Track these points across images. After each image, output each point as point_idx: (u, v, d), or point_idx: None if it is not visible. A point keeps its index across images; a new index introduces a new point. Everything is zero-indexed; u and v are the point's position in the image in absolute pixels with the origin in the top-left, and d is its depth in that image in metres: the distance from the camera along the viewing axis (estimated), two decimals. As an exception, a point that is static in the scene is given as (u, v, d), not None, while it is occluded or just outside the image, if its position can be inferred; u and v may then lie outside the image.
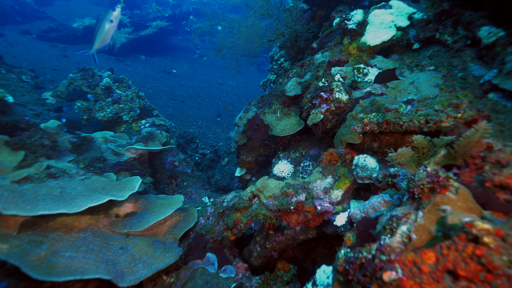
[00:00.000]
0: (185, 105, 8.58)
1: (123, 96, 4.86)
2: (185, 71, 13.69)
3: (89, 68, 5.30)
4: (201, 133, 6.77)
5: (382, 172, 1.93)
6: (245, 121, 3.70)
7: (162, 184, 4.16)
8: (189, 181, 4.31)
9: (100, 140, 3.96)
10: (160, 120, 4.86)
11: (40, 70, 9.55)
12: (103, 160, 3.62)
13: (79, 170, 3.14)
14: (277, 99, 3.52)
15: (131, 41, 13.68)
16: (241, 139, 3.86)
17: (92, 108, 4.81)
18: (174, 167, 4.36)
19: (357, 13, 2.86)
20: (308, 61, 3.42)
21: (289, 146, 3.65)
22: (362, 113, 2.21)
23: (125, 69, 11.77)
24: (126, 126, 4.72)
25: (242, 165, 4.33)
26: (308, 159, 3.22)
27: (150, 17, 15.69)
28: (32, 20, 15.18)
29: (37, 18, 15.34)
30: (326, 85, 2.61)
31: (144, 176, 3.64)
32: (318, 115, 2.64)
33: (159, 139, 4.39)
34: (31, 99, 4.77)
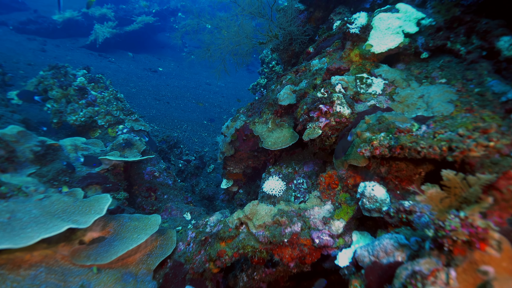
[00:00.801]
0: (170, 106, 8.14)
1: (98, 98, 4.42)
2: (172, 70, 13.19)
3: (62, 66, 4.81)
4: (186, 137, 6.37)
5: (394, 206, 1.63)
6: (232, 131, 3.35)
7: (139, 197, 3.76)
8: (170, 194, 3.92)
9: (69, 149, 3.52)
10: (140, 125, 4.45)
11: (13, 65, 8.90)
12: (70, 172, 3.19)
13: (39, 186, 2.72)
14: (268, 108, 3.19)
15: (115, 36, 13.07)
16: (228, 150, 3.51)
17: (63, 110, 4.35)
18: (154, 178, 3.96)
19: (361, 16, 2.56)
20: (304, 67, 3.11)
21: (280, 159, 3.32)
22: (369, 131, 1.91)
23: (107, 66, 11.19)
24: (102, 131, 4.28)
25: (228, 176, 3.98)
26: (302, 175, 2.90)
27: (136, 12, 15.10)
28: (10, 11, 14.34)
29: (15, 9, 14.52)
30: (326, 96, 2.30)
31: (118, 190, 3.24)
32: (315, 130, 2.33)
33: (137, 147, 3.99)
34: (-7, 99, 4.26)
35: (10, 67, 8.56)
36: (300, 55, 3.51)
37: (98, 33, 12.70)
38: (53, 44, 12.43)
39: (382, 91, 2.35)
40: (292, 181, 2.91)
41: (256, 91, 5.24)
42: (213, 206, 5.35)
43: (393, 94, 2.32)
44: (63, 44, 12.86)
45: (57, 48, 12.15)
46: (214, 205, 5.37)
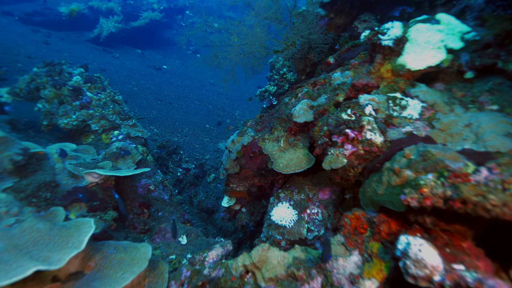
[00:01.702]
0: (172, 107, 7.79)
1: (94, 100, 4.06)
2: (176, 68, 12.86)
3: (58, 63, 4.46)
4: (186, 143, 6.01)
5: (452, 278, 1.25)
6: (239, 147, 2.98)
7: (131, 213, 3.40)
8: (165, 211, 3.56)
9: (55, 158, 3.16)
10: (137, 131, 4.08)
11: (12, 57, 8.59)
12: (54, 186, 2.83)
13: (12, 205, 2.36)
14: (280, 124, 2.82)
15: (121, 31, 12.77)
16: (233, 167, 3.14)
17: (55, 112, 3.99)
18: (149, 191, 3.60)
19: (395, 27, 2.18)
20: (323, 79, 2.74)
21: (291, 180, 2.95)
22: (411, 169, 1.53)
23: (111, 62, 10.88)
24: (95, 137, 3.92)
25: (231, 194, 3.61)
26: (317, 204, 2.53)
27: (144, 8, 14.80)
28: (17, 1, 14.11)
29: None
30: (354, 119, 1.92)
31: (106, 209, 2.88)
32: (339, 158, 1.95)
33: (132, 156, 3.63)
34: (-21, 96, 3.91)
35: (8, 60, 8.25)
36: (318, 65, 3.13)
37: (103, 27, 12.41)
38: (57, 37, 12.15)
39: (419, 116, 1.97)
40: (305, 210, 2.53)
41: (264, 98, 4.86)
42: (211, 220, 4.99)
43: (432, 119, 1.94)
44: (67, 37, 12.57)
45: (61, 41, 11.84)
46: (213, 219, 5.01)
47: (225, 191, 3.68)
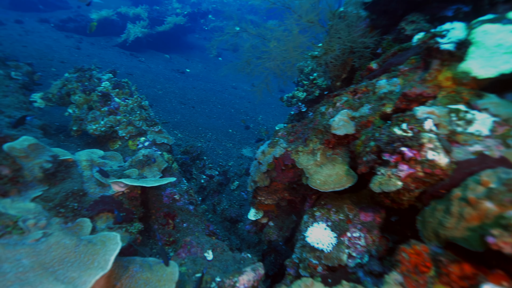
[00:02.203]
0: (195, 111, 7.74)
1: (122, 105, 4.02)
2: (199, 71, 12.92)
3: (88, 69, 4.48)
4: (210, 148, 5.90)
5: None
6: (270, 159, 2.79)
7: (156, 224, 3.29)
8: (190, 222, 3.42)
9: (83, 165, 3.11)
10: (163, 138, 4.00)
11: (47, 62, 8.90)
12: (81, 195, 2.76)
13: (40, 216, 2.29)
14: (316, 135, 2.60)
15: (147, 36, 13.03)
16: (262, 180, 2.95)
17: (84, 118, 3.99)
18: (174, 201, 3.48)
19: (456, 28, 1.91)
20: (365, 87, 2.49)
21: (326, 197, 2.71)
22: (491, 201, 1.27)
23: (137, 66, 11.07)
24: (122, 143, 3.87)
25: (258, 207, 3.42)
26: (358, 227, 2.28)
27: (169, 14, 15.03)
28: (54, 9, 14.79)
29: (58, 7, 14.99)
30: (411, 135, 1.68)
31: (132, 221, 2.77)
32: (392, 180, 1.71)
33: (158, 164, 3.53)
34: (14, 101, 3.98)
35: (44, 65, 8.55)
36: (357, 71, 2.89)
37: (130, 32, 12.70)
38: (88, 42, 12.55)
39: (490, 132, 1.69)
40: (345, 233, 2.29)
41: (291, 104, 4.65)
42: (235, 229, 4.82)
43: (507, 137, 1.66)
44: (97, 42, 12.96)
45: (91, 46, 12.22)
46: (236, 229, 4.84)
47: (251, 203, 3.50)
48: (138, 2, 16.12)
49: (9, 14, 12.25)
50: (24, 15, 12.90)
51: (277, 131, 3.15)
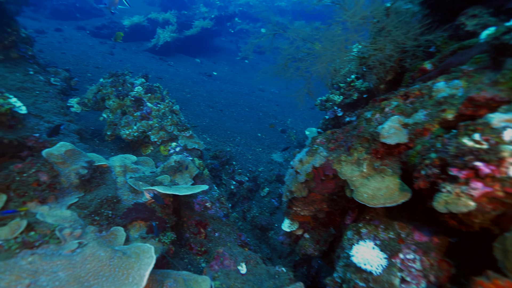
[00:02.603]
0: (223, 114, 7.70)
1: (154, 110, 4.01)
2: (226, 74, 12.95)
3: (121, 74, 4.54)
4: (239, 153, 5.79)
5: None
6: (309, 169, 2.60)
7: (187, 232, 3.21)
8: (221, 231, 3.31)
9: (117, 171, 3.10)
10: (194, 143, 3.93)
11: (83, 68, 9.27)
12: (115, 202, 2.73)
13: (76, 225, 2.26)
14: (362, 144, 2.38)
15: (175, 40, 13.28)
16: (300, 191, 2.77)
17: (118, 122, 4.02)
18: (205, 209, 3.39)
19: (538, 22, 1.64)
20: (418, 90, 2.25)
21: (371, 211, 2.48)
22: None
23: (166, 70, 11.29)
24: (154, 148, 3.85)
25: (293, 218, 3.24)
26: (413, 248, 2.04)
27: (196, 18, 15.25)
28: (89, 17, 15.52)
29: (94, 15, 15.70)
30: (486, 148, 1.43)
31: (165, 230, 2.70)
32: (463, 199, 1.47)
33: (189, 171, 3.46)
34: (53, 106, 4.10)
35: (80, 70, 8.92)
36: (405, 72, 2.63)
37: (160, 37, 13.00)
38: (120, 48, 13.00)
39: None
40: (396, 255, 2.06)
41: (326, 108, 4.43)
42: (265, 238, 4.66)
43: None
44: (129, 47, 13.40)
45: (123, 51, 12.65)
46: (266, 237, 4.68)
47: (286, 214, 3.33)
48: (167, 8, 16.53)
49: (50, 23, 12.97)
50: (63, 23, 13.61)
51: (315, 138, 2.96)
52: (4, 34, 4.14)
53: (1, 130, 2.88)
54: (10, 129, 3.06)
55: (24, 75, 4.21)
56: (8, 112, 2.95)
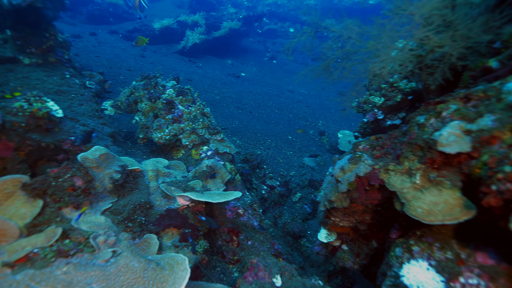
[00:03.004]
0: (252, 116, 7.59)
1: (185, 113, 3.96)
2: (254, 75, 12.86)
3: (153, 77, 4.56)
4: (270, 156, 5.64)
5: None
6: (351, 178, 2.39)
7: (219, 239, 3.11)
8: (254, 240, 3.17)
9: (150, 175, 3.06)
10: (225, 147, 3.84)
11: (116, 70, 9.57)
12: (148, 208, 2.68)
13: (110, 232, 2.22)
14: (413, 152, 2.13)
15: (204, 42, 13.41)
16: (340, 201, 2.57)
17: (149, 125, 4.02)
18: (238, 216, 3.27)
19: None
20: (482, 92, 1.97)
21: (423, 226, 2.23)
22: None
23: (195, 71, 11.40)
24: (185, 152, 3.80)
25: (331, 228, 3.03)
26: (476, 272, 1.78)
27: (225, 19, 15.32)
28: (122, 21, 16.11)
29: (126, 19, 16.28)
30: None
31: (197, 238, 2.61)
32: (557, 226, 1.21)
33: (221, 175, 3.36)
34: (88, 109, 4.18)
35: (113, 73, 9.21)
36: (463, 72, 2.34)
37: (189, 39, 13.19)
38: (151, 50, 13.35)
39: None
40: (456, 278, 1.80)
41: (364, 110, 4.15)
42: (298, 246, 4.47)
43: None
44: (159, 50, 13.73)
45: (154, 54, 12.98)
46: (299, 245, 4.48)
47: (323, 223, 3.13)
48: (196, 10, 16.78)
49: (86, 28, 13.58)
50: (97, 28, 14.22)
51: (356, 143, 2.73)
52: (42, 39, 4.29)
53: (39, 133, 2.94)
54: (47, 133, 3.13)
55: (61, 78, 4.34)
56: (45, 116, 3.01)
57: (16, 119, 2.77)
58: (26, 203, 2.11)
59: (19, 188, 2.14)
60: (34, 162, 2.89)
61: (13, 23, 4.05)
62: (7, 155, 2.64)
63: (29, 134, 2.84)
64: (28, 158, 2.81)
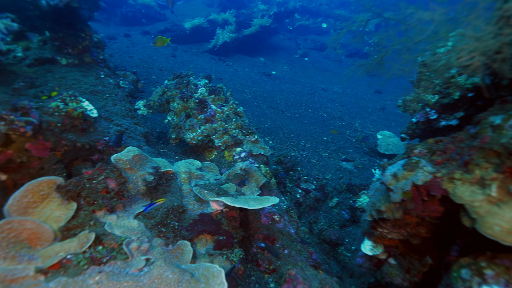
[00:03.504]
0: (285, 116, 7.34)
1: (218, 113, 3.83)
2: (285, 73, 12.57)
3: (185, 75, 4.49)
4: (304, 158, 5.37)
5: None
6: (407, 186, 2.09)
7: (254, 247, 2.93)
8: (291, 248, 2.95)
9: (182, 177, 2.95)
10: (260, 148, 3.65)
11: (148, 70, 9.74)
12: (181, 212, 2.56)
13: (143, 238, 2.11)
14: (487, 158, 1.80)
15: (234, 40, 13.33)
16: (392, 211, 2.27)
17: (182, 125, 3.94)
18: (273, 222, 3.07)
19: None
20: None
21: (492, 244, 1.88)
22: None
23: (225, 70, 11.36)
24: (218, 153, 3.67)
25: (377, 240, 2.73)
26: None
27: (255, 16, 15.14)
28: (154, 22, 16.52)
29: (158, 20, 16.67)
30: None
31: (232, 246, 2.44)
32: None
33: (256, 179, 3.17)
34: (121, 109, 4.19)
35: (146, 73, 9.39)
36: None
37: (219, 37, 13.17)
38: (182, 50, 13.52)
39: None
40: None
41: (412, 109, 3.76)
42: (335, 254, 4.18)
43: None
44: (190, 49, 13.88)
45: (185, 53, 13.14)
46: (336, 253, 4.19)
47: (368, 234, 2.84)
48: (226, 8, 16.77)
49: (120, 29, 14.05)
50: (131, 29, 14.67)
51: (411, 147, 2.41)
52: (78, 39, 4.37)
53: (74, 133, 2.94)
54: (82, 133, 3.12)
55: (96, 78, 4.39)
56: (80, 116, 3.00)
57: (52, 119, 2.78)
58: (61, 206, 2.05)
59: (54, 190, 2.09)
60: (69, 162, 2.89)
61: (51, 24, 4.15)
62: (44, 155, 2.65)
63: (64, 134, 2.84)
64: (64, 158, 2.81)
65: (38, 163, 2.66)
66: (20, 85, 3.59)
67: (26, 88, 3.64)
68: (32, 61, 4.08)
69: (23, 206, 1.92)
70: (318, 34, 18.99)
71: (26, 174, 2.69)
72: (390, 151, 5.99)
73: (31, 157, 2.63)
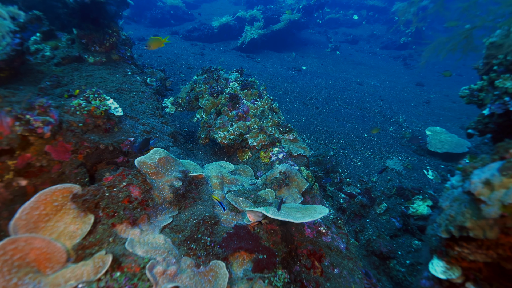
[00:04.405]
0: (320, 112, 6.81)
1: (251, 108, 3.44)
2: (316, 68, 11.96)
3: (215, 70, 4.15)
4: (345, 158, 4.84)
5: None
6: (508, 198, 1.56)
7: (298, 264, 2.50)
8: (342, 267, 2.49)
9: (214, 182, 2.59)
10: (299, 148, 3.20)
11: (177, 69, 9.62)
12: (213, 224, 2.19)
13: (169, 258, 1.76)
14: None
15: (262, 36, 12.96)
16: (482, 230, 1.74)
17: (212, 124, 3.60)
18: (319, 235, 2.62)
19: None
20: None
21: None
22: None
23: (254, 67, 11.00)
24: (252, 154, 3.28)
25: (453, 261, 2.19)
26: None
27: (283, 11, 14.63)
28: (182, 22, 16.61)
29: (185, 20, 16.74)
30: None
31: (275, 267, 2.03)
32: None
33: (298, 184, 2.74)
34: (148, 107, 3.93)
35: (174, 71, 9.27)
36: None
37: (247, 34, 12.85)
38: (209, 48, 13.37)
39: None
40: None
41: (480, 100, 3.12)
42: (385, 268, 3.64)
43: None
44: (217, 47, 13.70)
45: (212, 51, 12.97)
46: (387, 267, 3.65)
47: (439, 253, 2.30)
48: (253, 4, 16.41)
49: (150, 31, 14.18)
50: (160, 30, 14.78)
51: (505, 147, 1.85)
52: (105, 36, 4.18)
53: (97, 134, 2.68)
54: (106, 133, 2.87)
55: (123, 76, 4.18)
56: (103, 115, 2.74)
57: (73, 118, 2.53)
58: (76, 219, 1.76)
59: (69, 199, 1.81)
60: (92, 165, 2.63)
61: (78, 21, 3.99)
62: (65, 158, 2.41)
63: (87, 135, 2.58)
64: (86, 161, 2.56)
65: (58, 167, 2.42)
66: (46, 84, 3.44)
67: (53, 87, 3.48)
68: (60, 60, 3.95)
69: (34, 220, 1.64)
70: (349, 27, 18.06)
71: (48, 179, 2.47)
72: (443, 149, 5.27)
73: (51, 160, 2.40)
